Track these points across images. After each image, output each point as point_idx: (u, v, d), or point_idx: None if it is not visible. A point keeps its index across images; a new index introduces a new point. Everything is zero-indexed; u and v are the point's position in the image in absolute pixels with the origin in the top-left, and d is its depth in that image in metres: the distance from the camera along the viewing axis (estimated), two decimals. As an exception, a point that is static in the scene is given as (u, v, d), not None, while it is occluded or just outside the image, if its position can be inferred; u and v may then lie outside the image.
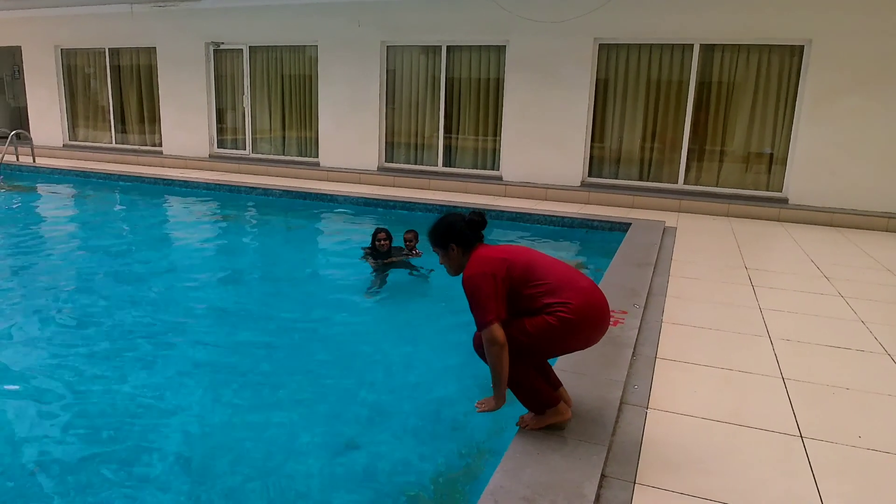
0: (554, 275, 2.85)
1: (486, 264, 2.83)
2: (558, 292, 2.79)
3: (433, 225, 3.11)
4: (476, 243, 3.01)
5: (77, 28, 14.69)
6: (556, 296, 2.78)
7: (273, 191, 11.00)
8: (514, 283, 2.82)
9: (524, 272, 2.84)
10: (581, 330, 2.80)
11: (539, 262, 2.92)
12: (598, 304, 2.83)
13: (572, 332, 2.78)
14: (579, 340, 2.87)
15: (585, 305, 2.77)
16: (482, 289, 2.77)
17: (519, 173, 11.07)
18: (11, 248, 7.99)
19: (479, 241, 3.03)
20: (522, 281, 2.82)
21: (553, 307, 2.76)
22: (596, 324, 2.84)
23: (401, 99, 12.05)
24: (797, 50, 9.36)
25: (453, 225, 3.03)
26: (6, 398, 4.02)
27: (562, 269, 2.92)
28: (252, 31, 12.93)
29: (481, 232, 3.06)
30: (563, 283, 2.82)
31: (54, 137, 15.51)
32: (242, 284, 6.79)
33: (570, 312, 2.74)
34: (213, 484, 3.26)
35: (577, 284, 2.84)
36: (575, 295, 2.78)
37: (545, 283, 2.81)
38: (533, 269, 2.86)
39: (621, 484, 2.68)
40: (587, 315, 2.78)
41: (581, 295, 2.79)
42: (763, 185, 9.90)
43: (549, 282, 2.82)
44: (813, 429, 3.22)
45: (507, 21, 10.67)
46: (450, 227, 3.03)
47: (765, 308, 5.15)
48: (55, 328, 5.22)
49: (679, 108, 10.15)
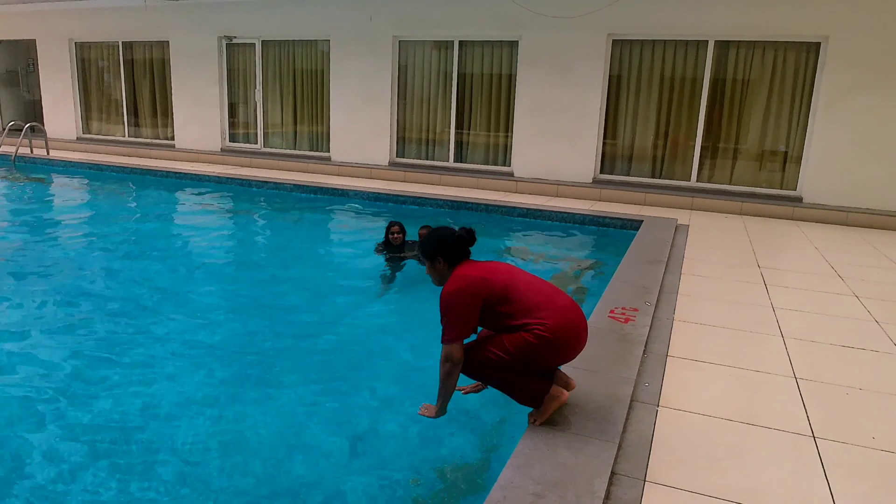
0: (533, 294, 2.94)
1: (465, 283, 2.93)
2: (536, 311, 2.88)
3: (425, 237, 3.22)
4: (462, 259, 3.11)
5: (91, 21, 14.77)
6: (534, 315, 2.87)
7: (284, 185, 11.03)
8: (491, 300, 2.92)
9: (503, 291, 2.93)
10: (558, 347, 2.89)
11: (519, 280, 3.00)
12: (574, 323, 2.92)
13: (549, 350, 2.88)
14: (556, 357, 2.97)
15: (562, 324, 2.87)
16: (454, 308, 2.89)
17: (530, 169, 11.03)
18: (24, 240, 8.06)
19: (465, 257, 3.13)
20: (500, 299, 2.92)
21: (531, 326, 2.86)
22: (572, 342, 2.93)
23: (412, 94, 12.03)
24: (813, 47, 9.26)
25: (443, 239, 3.12)
26: (16, 387, 4.05)
27: (541, 288, 3.00)
28: (265, 26, 12.95)
29: (469, 248, 3.17)
30: (541, 303, 2.91)
31: (68, 130, 15.62)
32: (253, 278, 6.81)
33: (547, 331, 2.84)
34: (220, 475, 3.28)
35: (555, 304, 2.93)
36: (552, 314, 2.87)
37: (524, 302, 2.91)
38: (512, 288, 2.95)
39: (631, 481, 2.66)
40: (564, 334, 2.87)
41: (558, 314, 2.88)
42: (777, 184, 9.82)
43: (528, 301, 2.91)
44: (826, 429, 3.18)
45: (519, 16, 10.62)
46: (439, 241, 3.12)
47: (778, 307, 5.11)
48: (64, 319, 5.26)
49: (693, 105, 10.08)
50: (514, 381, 2.99)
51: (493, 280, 2.95)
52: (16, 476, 3.20)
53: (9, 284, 6.08)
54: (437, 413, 3.07)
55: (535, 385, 2.99)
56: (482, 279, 2.94)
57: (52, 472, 3.24)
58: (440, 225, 3.30)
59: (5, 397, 3.93)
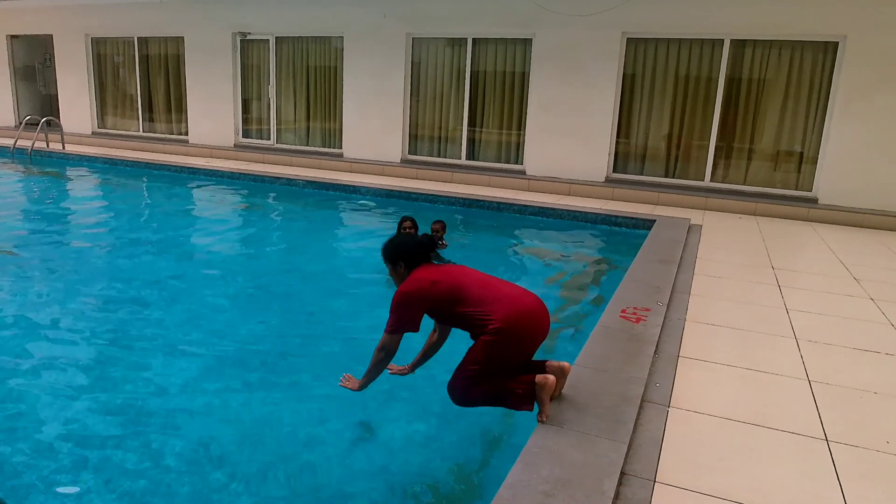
0: (483, 291, 3.07)
1: (415, 285, 3.14)
2: (484, 305, 3.01)
3: (387, 242, 3.42)
4: (421, 263, 3.28)
5: (107, 17, 14.87)
6: (484, 311, 2.99)
7: (296, 181, 11.06)
8: (442, 302, 3.11)
9: (450, 291, 3.10)
10: (518, 335, 2.99)
11: (470, 281, 3.14)
12: (527, 308, 3.03)
13: (511, 340, 2.98)
14: (523, 345, 3.05)
15: (513, 312, 2.98)
16: (401, 306, 3.13)
17: (543, 168, 11.00)
18: (40, 232, 8.13)
19: (424, 262, 3.30)
20: (450, 300, 3.09)
21: (483, 325, 2.98)
22: (531, 326, 3.02)
23: (425, 91, 12.02)
24: (831, 46, 9.16)
25: (404, 245, 3.34)
26: (30, 378, 4.09)
27: (491, 285, 3.13)
28: (279, 22, 12.99)
29: (429, 254, 3.35)
30: (489, 299, 3.03)
31: (83, 125, 15.75)
32: (263, 273, 6.84)
33: (500, 323, 2.94)
34: (230, 469, 3.29)
35: (503, 295, 3.05)
36: (500, 307, 2.99)
37: (475, 300, 3.04)
38: (460, 288, 3.09)
39: (641, 482, 2.65)
40: (517, 321, 2.98)
41: (508, 304, 3.00)
42: (792, 184, 9.73)
43: (479, 298, 3.04)
44: (839, 432, 3.15)
45: (534, 14, 10.59)
46: (400, 247, 3.34)
47: (791, 308, 5.06)
48: (76, 310, 5.30)
49: (707, 105, 10.00)
50: (498, 391, 3.05)
51: (442, 283, 3.12)
52: (38, 456, 3.23)
53: (22, 275, 6.14)
54: (359, 387, 3.40)
55: (518, 386, 3.03)
56: (432, 283, 3.12)
57: (64, 457, 3.27)
58: (400, 233, 3.46)
59: (20, 386, 3.97)
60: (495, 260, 7.56)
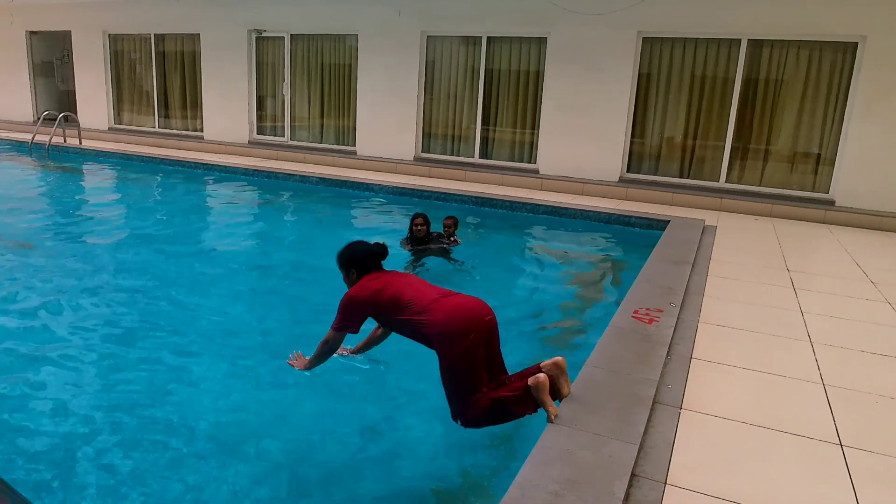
0: (420, 300, 3.20)
1: (361, 292, 3.37)
2: (424, 314, 3.14)
3: (341, 250, 3.63)
4: (372, 270, 3.50)
5: (124, 14, 14.99)
6: (424, 318, 3.13)
7: (310, 178, 11.09)
8: (383, 308, 3.30)
9: (393, 300, 3.26)
10: (459, 331, 3.05)
11: (410, 291, 3.28)
12: (459, 305, 3.15)
13: (455, 339, 3.04)
14: (472, 342, 3.06)
15: (449, 312, 3.10)
16: (346, 308, 3.38)
17: (556, 167, 10.96)
18: (56, 226, 8.22)
19: (375, 269, 3.52)
20: (393, 308, 3.26)
21: (427, 330, 3.12)
22: (470, 317, 3.10)
23: (439, 89, 12.02)
24: (850, 47, 9.05)
25: (356, 253, 3.56)
26: (46, 368, 4.13)
27: (427, 294, 3.24)
28: (294, 20, 13.03)
29: (380, 262, 3.57)
30: (427, 307, 3.16)
31: (100, 120, 15.89)
32: (276, 269, 6.87)
33: (440, 326, 3.07)
34: (236, 466, 3.31)
35: (432, 300, 3.18)
36: (433, 312, 3.12)
37: (412, 309, 3.19)
38: (400, 297, 3.25)
39: (652, 484, 2.63)
40: (455, 317, 3.09)
41: (437, 307, 3.13)
42: (809, 186, 9.62)
43: (417, 308, 3.18)
44: (854, 437, 3.11)
45: (549, 12, 10.54)
46: (352, 255, 3.56)
47: (806, 311, 5.00)
48: (92, 304, 5.34)
49: (724, 105, 9.91)
50: (495, 405, 3.06)
51: (386, 292, 3.30)
52: (53, 447, 3.26)
53: (38, 269, 6.20)
54: (303, 368, 3.64)
55: (512, 395, 3.04)
56: (377, 291, 3.32)
57: (80, 450, 3.30)
58: (358, 240, 3.70)
59: (34, 376, 4.01)
60: (507, 259, 7.55)
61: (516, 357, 4.65)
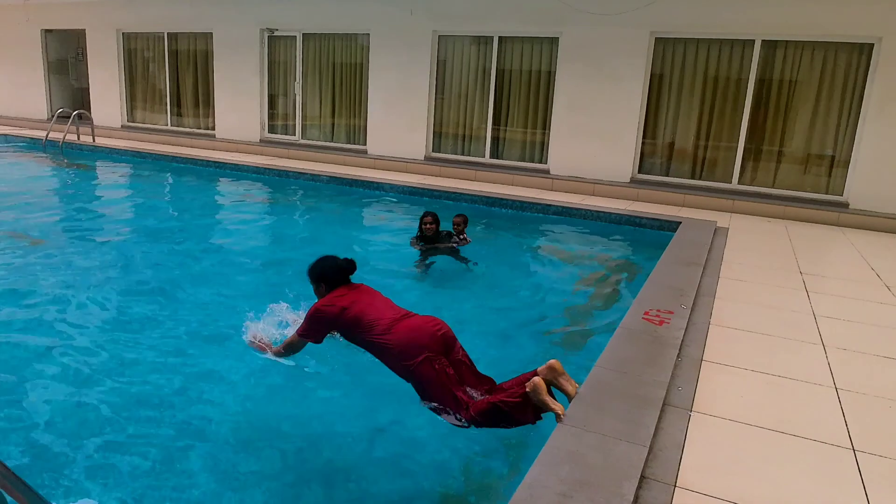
0: (378, 323, 3.38)
1: (327, 307, 3.55)
2: (382, 335, 3.33)
3: (312, 264, 3.82)
4: (341, 285, 3.69)
5: (138, 12, 15.09)
6: (383, 340, 3.32)
7: (321, 176, 11.12)
8: (345, 326, 3.50)
9: (354, 319, 3.45)
10: (413, 348, 3.23)
11: (371, 311, 3.46)
12: (408, 325, 3.35)
13: (410, 354, 3.23)
14: (422, 353, 3.23)
15: (400, 333, 3.31)
16: (312, 321, 3.58)
17: (567, 167, 10.92)
18: (70, 223, 8.28)
19: (344, 283, 3.70)
20: (354, 326, 3.45)
21: (387, 354, 3.32)
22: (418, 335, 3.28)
23: (450, 89, 12.01)
24: (866, 48, 8.96)
25: (326, 268, 3.75)
26: (60, 362, 4.17)
27: (382, 314, 3.43)
28: (306, 19, 13.06)
29: (348, 277, 3.74)
30: (384, 329, 3.34)
31: (113, 118, 16.00)
32: (286, 266, 6.88)
33: (396, 346, 3.26)
34: (248, 459, 3.32)
35: (389, 318, 3.39)
36: (391, 333, 3.32)
37: (372, 331, 3.37)
38: (362, 318, 3.43)
39: (661, 486, 2.61)
40: (406, 337, 3.28)
41: (394, 328, 3.33)
42: (822, 188, 9.54)
43: (375, 328, 3.37)
44: (866, 442, 3.08)
45: (561, 12, 10.51)
46: (322, 270, 3.75)
47: (819, 315, 4.96)
48: (101, 300, 5.38)
49: (737, 106, 9.85)
50: (492, 408, 3.10)
51: (350, 311, 3.48)
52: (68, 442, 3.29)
53: (51, 265, 6.25)
54: (265, 352, 3.84)
55: (512, 402, 3.08)
56: (342, 310, 3.49)
57: (93, 444, 3.32)
58: (327, 255, 3.87)
59: (46, 371, 4.04)
60: (517, 259, 7.54)
61: (525, 355, 4.65)
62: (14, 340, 4.51)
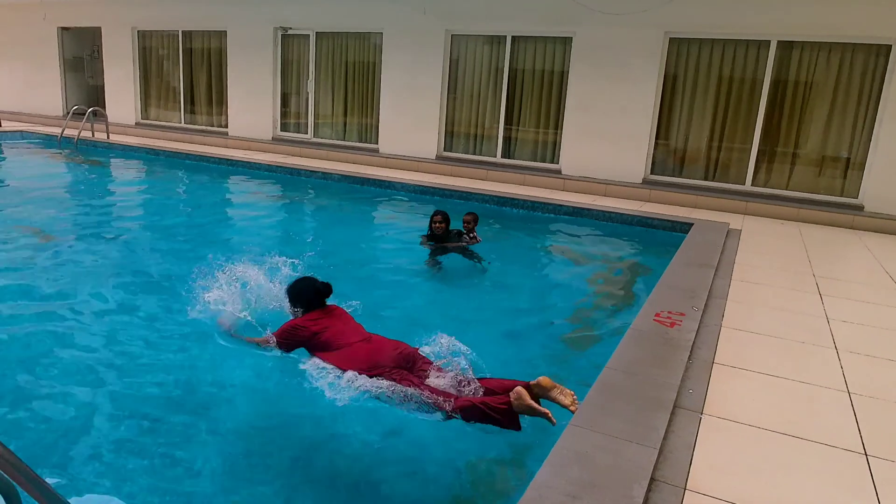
0: (344, 348, 3.76)
1: (302, 329, 3.94)
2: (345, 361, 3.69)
3: (289, 285, 4.18)
4: (315, 308, 4.04)
5: (153, 11, 15.20)
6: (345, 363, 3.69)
7: (332, 175, 11.15)
8: (315, 346, 3.88)
9: (324, 343, 3.85)
10: (366, 369, 3.62)
11: (339, 337, 3.83)
12: (368, 348, 3.74)
13: (372, 371, 3.60)
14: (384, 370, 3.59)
15: (360, 354, 3.70)
16: (286, 335, 4.01)
17: (579, 167, 10.89)
18: (84, 218, 8.35)
19: (319, 307, 4.05)
20: (322, 348, 3.85)
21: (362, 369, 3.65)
22: (378, 356, 3.67)
23: (462, 88, 12.00)
24: (883, 49, 8.87)
25: (302, 291, 4.09)
26: (73, 356, 4.20)
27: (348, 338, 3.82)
28: (319, 17, 13.10)
29: (323, 301, 4.07)
30: (346, 355, 3.71)
31: (127, 115, 16.12)
32: (297, 265, 6.90)
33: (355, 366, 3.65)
34: (258, 456, 3.33)
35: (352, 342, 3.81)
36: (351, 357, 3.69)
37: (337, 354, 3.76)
38: (331, 343, 3.82)
39: (671, 489, 2.60)
40: (364, 359, 3.67)
41: (355, 349, 3.74)
42: (837, 191, 9.45)
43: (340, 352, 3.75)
44: (879, 447, 3.05)
45: (574, 12, 10.48)
46: (299, 293, 4.09)
47: (832, 318, 4.91)
48: (118, 296, 5.42)
49: (751, 107, 9.77)
50: (477, 410, 3.25)
51: (321, 336, 3.87)
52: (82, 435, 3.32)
53: (63, 261, 6.30)
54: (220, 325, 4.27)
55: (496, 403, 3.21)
56: (313, 335, 3.89)
57: (104, 442, 3.35)
58: (305, 276, 4.22)
59: (55, 368, 4.08)
60: (528, 259, 7.52)
61: (533, 354, 4.64)
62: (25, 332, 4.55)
